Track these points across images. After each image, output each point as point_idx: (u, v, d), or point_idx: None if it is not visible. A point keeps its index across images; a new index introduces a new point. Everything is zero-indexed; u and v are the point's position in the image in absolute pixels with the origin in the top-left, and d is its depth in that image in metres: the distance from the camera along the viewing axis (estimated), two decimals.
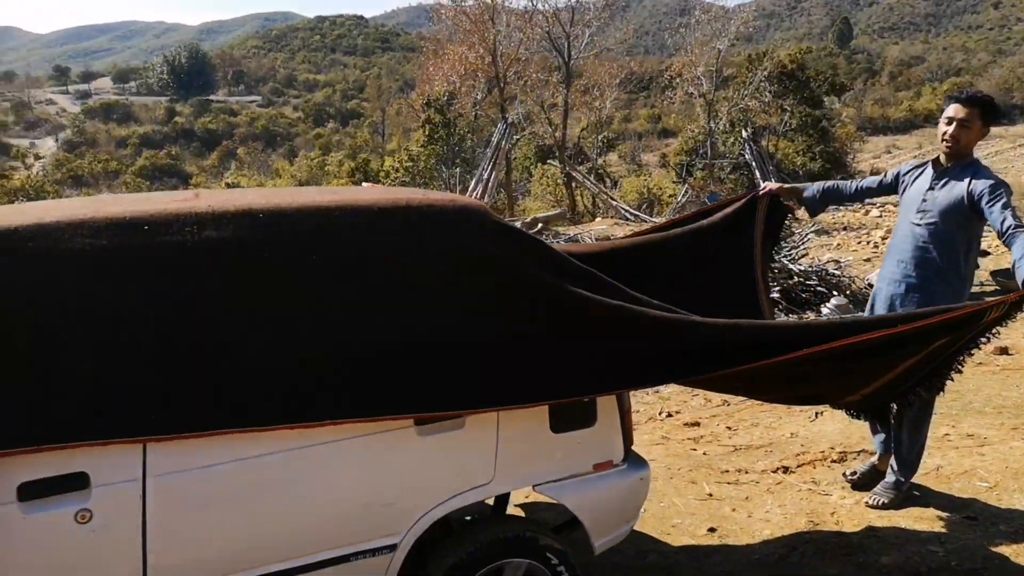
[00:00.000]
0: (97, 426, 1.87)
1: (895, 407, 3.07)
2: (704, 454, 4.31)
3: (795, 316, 7.33)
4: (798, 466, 4.05)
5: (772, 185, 3.48)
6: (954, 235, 3.25)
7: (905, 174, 3.51)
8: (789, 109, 23.85)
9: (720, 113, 23.57)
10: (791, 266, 7.99)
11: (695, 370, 2.43)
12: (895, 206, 3.13)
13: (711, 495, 3.78)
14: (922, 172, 3.41)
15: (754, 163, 22.06)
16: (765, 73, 23.40)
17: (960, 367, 2.84)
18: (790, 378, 2.73)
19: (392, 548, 2.22)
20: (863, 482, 3.71)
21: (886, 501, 3.51)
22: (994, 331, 2.82)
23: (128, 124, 75.51)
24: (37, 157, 43.91)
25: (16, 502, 1.83)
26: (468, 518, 2.61)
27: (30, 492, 1.85)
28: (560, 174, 20.98)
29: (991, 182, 3.12)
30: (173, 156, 57.25)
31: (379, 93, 65.20)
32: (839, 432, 4.39)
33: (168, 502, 1.96)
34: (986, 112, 3.22)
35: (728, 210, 3.44)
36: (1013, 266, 2.87)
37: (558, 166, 20.95)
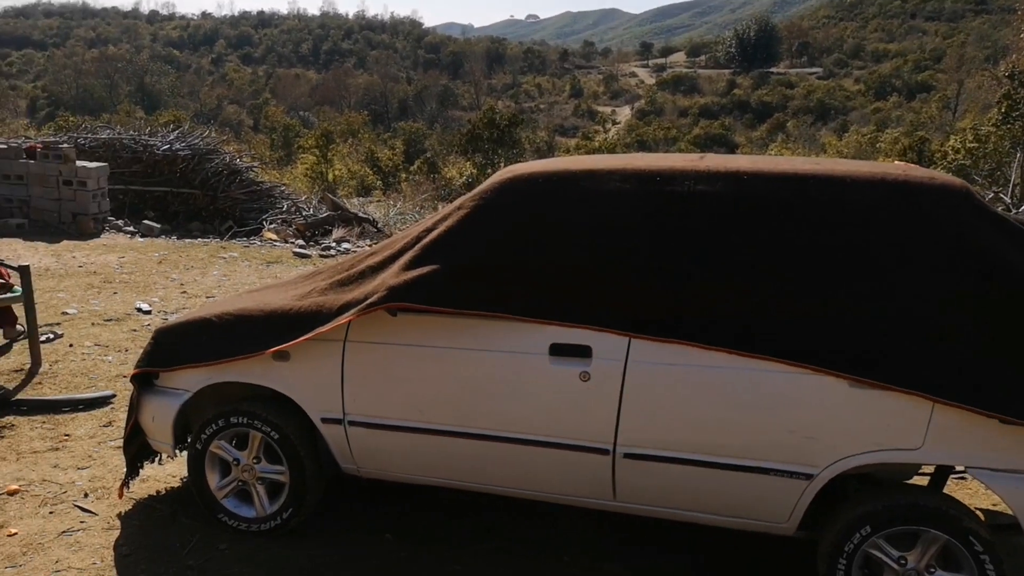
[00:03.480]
0: (602, 317, 2.64)
1: None
2: None
3: None
4: None
5: None
6: None
7: None
8: None
9: None
10: None
11: None
12: None
13: None
14: None
15: None
16: None
17: None
18: None
19: (808, 477, 2.52)
20: None
21: None
22: None
23: (692, 95, 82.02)
24: (613, 123, 51.40)
25: (548, 355, 2.72)
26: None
27: (556, 351, 2.71)
28: None
29: None
30: (725, 127, 60.52)
31: (959, 63, 57.36)
32: None
33: (638, 381, 2.64)
34: None
35: None
36: None
37: None
